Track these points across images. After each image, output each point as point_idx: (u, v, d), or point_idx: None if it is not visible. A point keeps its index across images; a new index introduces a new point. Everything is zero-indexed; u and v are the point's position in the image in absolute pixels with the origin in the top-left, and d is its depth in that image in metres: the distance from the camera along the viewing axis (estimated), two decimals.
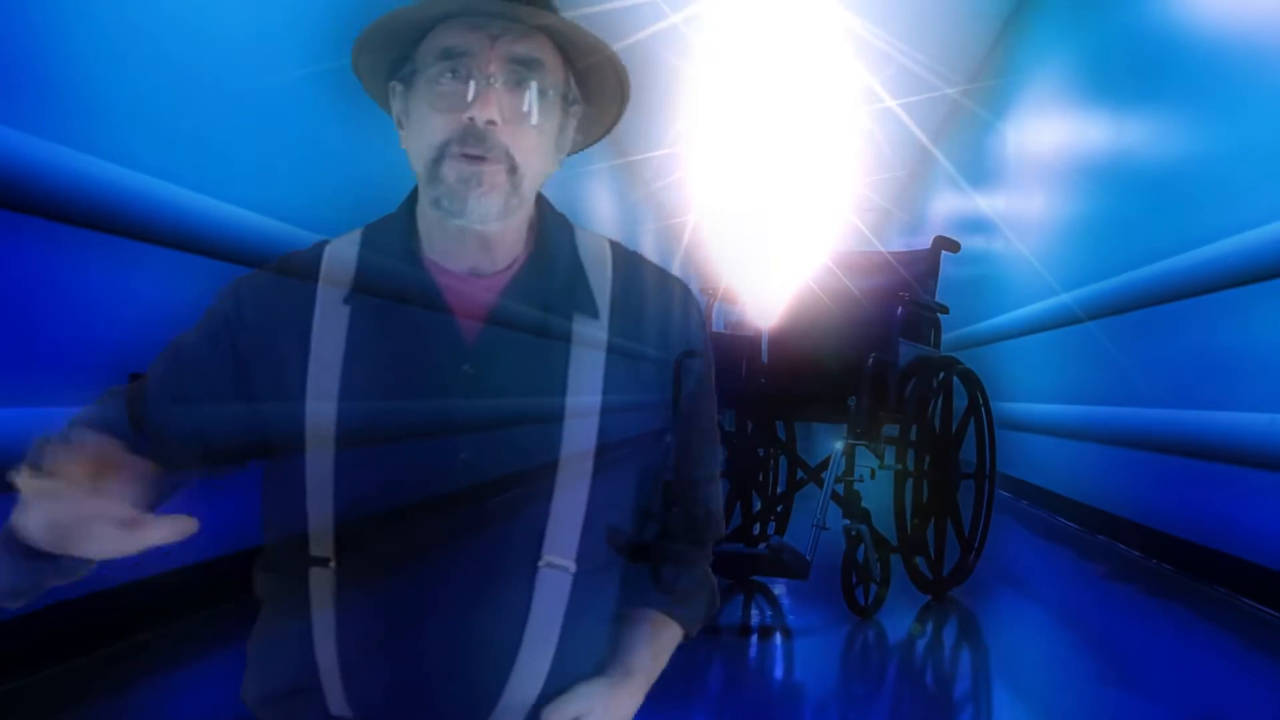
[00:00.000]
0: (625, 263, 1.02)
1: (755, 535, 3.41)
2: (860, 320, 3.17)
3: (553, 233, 1.00)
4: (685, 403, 1.02)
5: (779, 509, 3.53)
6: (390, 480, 0.91)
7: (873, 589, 2.88)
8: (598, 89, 0.99)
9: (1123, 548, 4.12)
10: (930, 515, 3.07)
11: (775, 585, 3.23)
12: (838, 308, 3.30)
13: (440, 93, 0.91)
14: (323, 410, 0.91)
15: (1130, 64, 4.32)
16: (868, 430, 2.94)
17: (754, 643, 2.72)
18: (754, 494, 3.50)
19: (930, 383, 3.08)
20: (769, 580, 3.22)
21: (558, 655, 0.92)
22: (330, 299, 0.94)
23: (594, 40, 0.94)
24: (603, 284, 0.99)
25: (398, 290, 0.94)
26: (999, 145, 6.77)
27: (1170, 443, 3.69)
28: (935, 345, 3.35)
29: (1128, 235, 4.21)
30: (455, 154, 0.90)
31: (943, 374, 3.15)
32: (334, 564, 0.90)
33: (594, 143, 1.05)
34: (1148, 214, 4.03)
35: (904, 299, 3.06)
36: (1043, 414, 5.25)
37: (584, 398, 0.94)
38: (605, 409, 0.95)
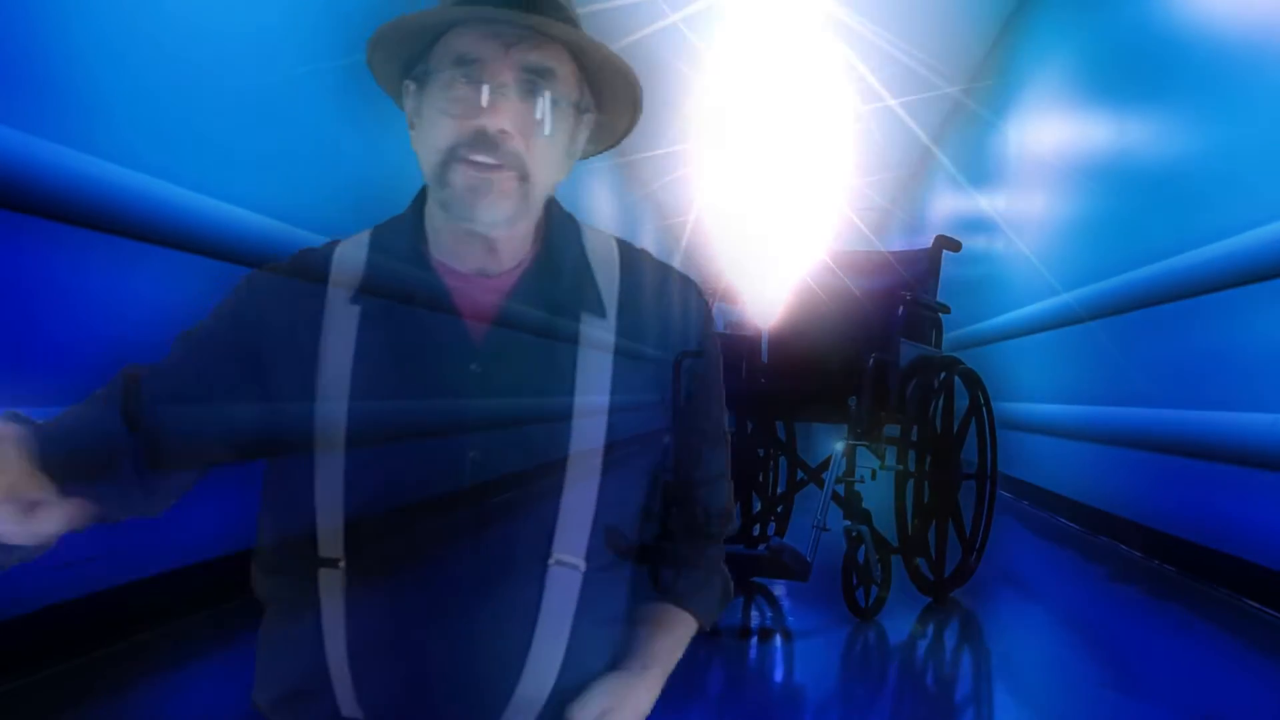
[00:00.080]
0: (632, 261, 1.03)
1: (755, 536, 3.41)
2: (861, 320, 3.18)
3: (560, 232, 1.01)
4: (685, 402, 1.02)
5: (779, 510, 3.54)
6: (400, 480, 0.92)
7: (873, 590, 2.88)
8: (610, 98, 1.00)
9: (1124, 548, 4.12)
10: (931, 516, 3.07)
11: (775, 587, 3.23)
12: (838, 307, 3.30)
13: (452, 98, 0.92)
14: (332, 410, 0.91)
15: (1132, 63, 4.33)
16: (868, 431, 2.94)
17: (754, 644, 2.72)
18: (754, 495, 3.50)
19: (931, 383, 3.08)
20: (769, 581, 3.22)
21: (568, 653, 0.93)
22: (339, 299, 0.95)
23: (609, 53, 0.95)
24: (610, 283, 1.00)
25: (406, 291, 0.95)
26: (1000, 144, 6.77)
27: (1172, 443, 3.69)
28: (936, 345, 3.35)
29: (1129, 235, 4.21)
30: (463, 158, 0.91)
31: (944, 374, 3.15)
32: (343, 564, 0.91)
33: (605, 150, 1.06)
34: (1149, 213, 4.03)
35: (905, 298, 3.06)
36: (1044, 414, 5.25)
37: (592, 396, 0.95)
38: (613, 407, 0.95)
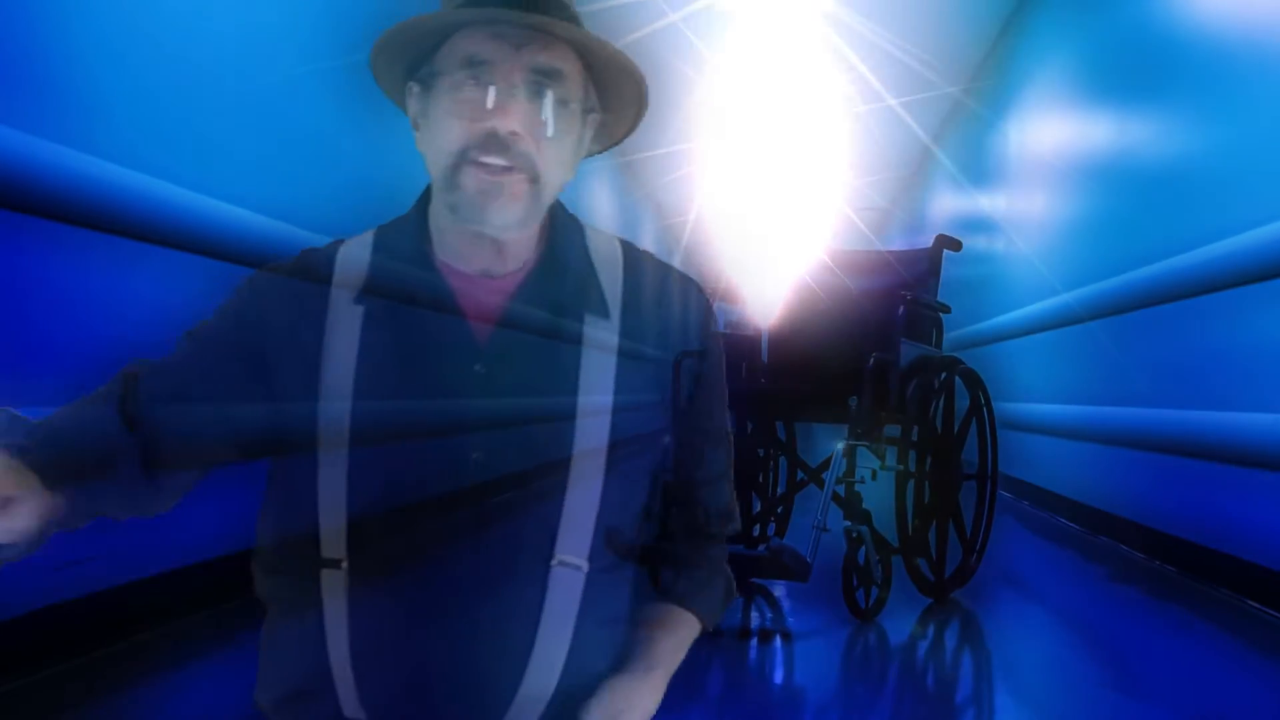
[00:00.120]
0: (636, 262, 1.03)
1: (755, 537, 3.41)
2: (861, 320, 3.17)
3: (564, 234, 1.01)
4: (687, 402, 1.02)
5: (779, 510, 3.54)
6: (403, 481, 0.92)
7: (874, 591, 2.88)
8: (615, 98, 1.00)
9: (1125, 549, 4.12)
10: (932, 517, 3.07)
11: (775, 587, 3.23)
12: (838, 307, 3.30)
13: (461, 100, 0.92)
14: (336, 410, 0.91)
15: (1132, 62, 4.33)
16: (869, 431, 2.94)
17: (754, 646, 2.72)
18: (754, 495, 3.49)
19: (932, 383, 3.08)
20: (769, 582, 3.22)
21: (571, 654, 0.93)
22: (343, 299, 0.95)
23: (615, 51, 0.95)
24: (613, 284, 1.00)
25: (410, 292, 0.95)
26: (1000, 144, 6.77)
27: (1172, 443, 3.69)
28: (937, 345, 3.35)
29: (1130, 234, 4.21)
30: (474, 160, 0.91)
31: (945, 374, 3.15)
32: (346, 565, 0.91)
33: (608, 149, 1.06)
34: (1150, 213, 4.03)
35: (905, 298, 3.06)
36: (1045, 414, 5.25)
37: (595, 397, 0.95)
38: (616, 408, 0.96)
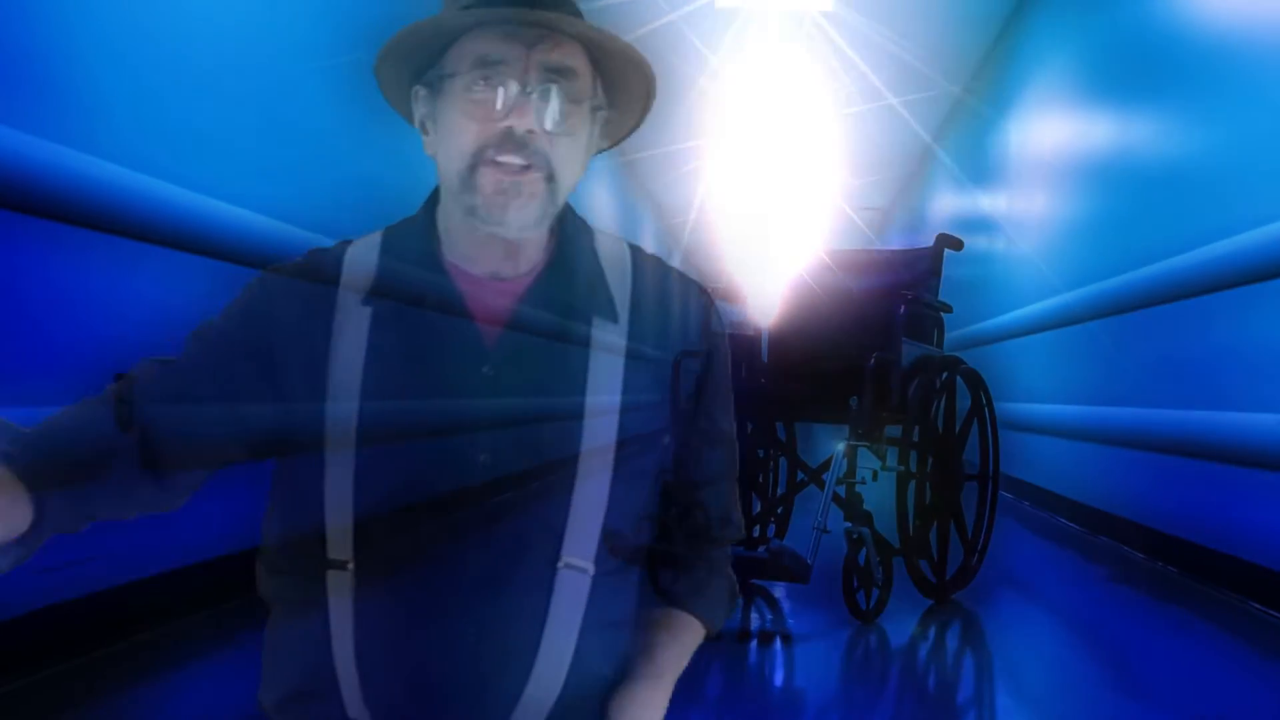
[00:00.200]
0: (645, 267, 1.04)
1: (755, 538, 3.41)
2: (862, 319, 3.17)
3: (574, 237, 1.02)
4: (684, 402, 1.03)
5: (779, 511, 3.54)
6: (410, 482, 0.92)
7: (874, 593, 2.87)
8: (624, 94, 1.00)
9: (1126, 549, 4.12)
10: (933, 517, 3.07)
11: (775, 589, 3.24)
12: (839, 307, 3.30)
13: (474, 100, 0.92)
14: (343, 411, 0.92)
15: (1133, 61, 4.33)
16: (869, 431, 2.94)
17: (754, 648, 2.72)
18: (754, 496, 3.49)
19: (933, 383, 3.08)
20: (769, 584, 3.22)
21: (576, 656, 0.93)
22: (351, 300, 0.95)
23: (625, 46, 0.96)
24: (622, 288, 1.01)
25: (418, 293, 0.95)
26: (1001, 143, 6.78)
27: (1174, 443, 3.70)
28: (938, 345, 3.35)
29: (1131, 234, 4.22)
30: (490, 160, 0.91)
31: (946, 374, 3.15)
32: (352, 566, 0.91)
33: (614, 146, 1.06)
34: (1151, 213, 4.03)
35: (906, 297, 3.06)
36: (1046, 414, 5.26)
37: (602, 401, 0.95)
38: (623, 412, 0.96)
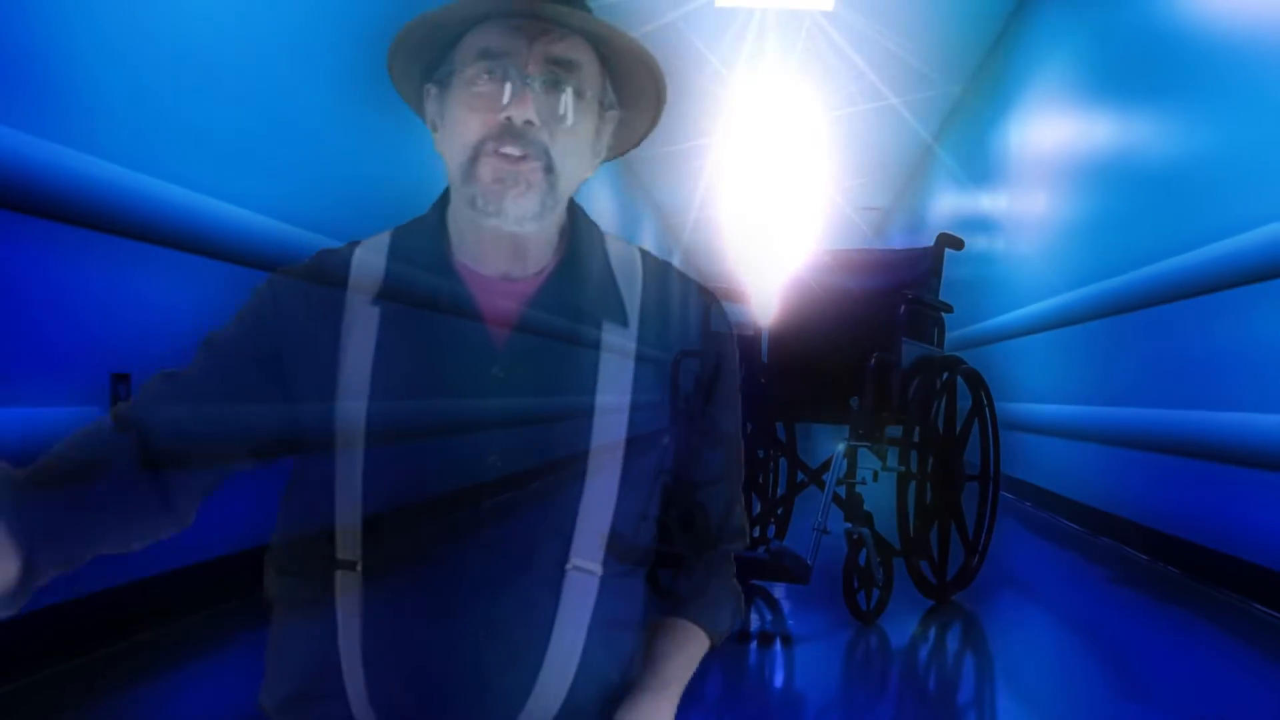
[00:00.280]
0: (655, 272, 1.04)
1: (755, 539, 3.40)
2: (862, 319, 3.17)
3: (584, 239, 1.02)
4: (683, 403, 1.02)
5: (779, 512, 3.53)
6: (418, 483, 0.93)
7: (875, 593, 2.87)
8: (634, 93, 1.01)
9: (1127, 550, 4.12)
10: (933, 518, 3.06)
11: (775, 590, 3.23)
12: (839, 306, 3.30)
13: (477, 93, 0.93)
14: (352, 413, 0.92)
15: (1134, 61, 4.33)
16: (870, 432, 2.94)
17: (754, 649, 2.72)
18: (754, 497, 3.49)
19: (934, 383, 3.07)
20: (769, 585, 3.22)
21: (583, 660, 0.93)
22: (360, 301, 0.96)
23: (631, 41, 0.96)
24: (633, 292, 1.01)
25: (427, 294, 0.96)
26: (1001, 143, 6.77)
27: (1175, 443, 3.69)
28: (939, 345, 3.35)
29: (1132, 234, 4.21)
30: (491, 152, 0.92)
31: (946, 374, 3.14)
32: (360, 566, 0.91)
33: (630, 149, 1.06)
34: (1152, 212, 4.03)
35: (907, 297, 3.06)
36: (1046, 414, 5.25)
37: (612, 405, 0.96)
38: (633, 418, 0.97)
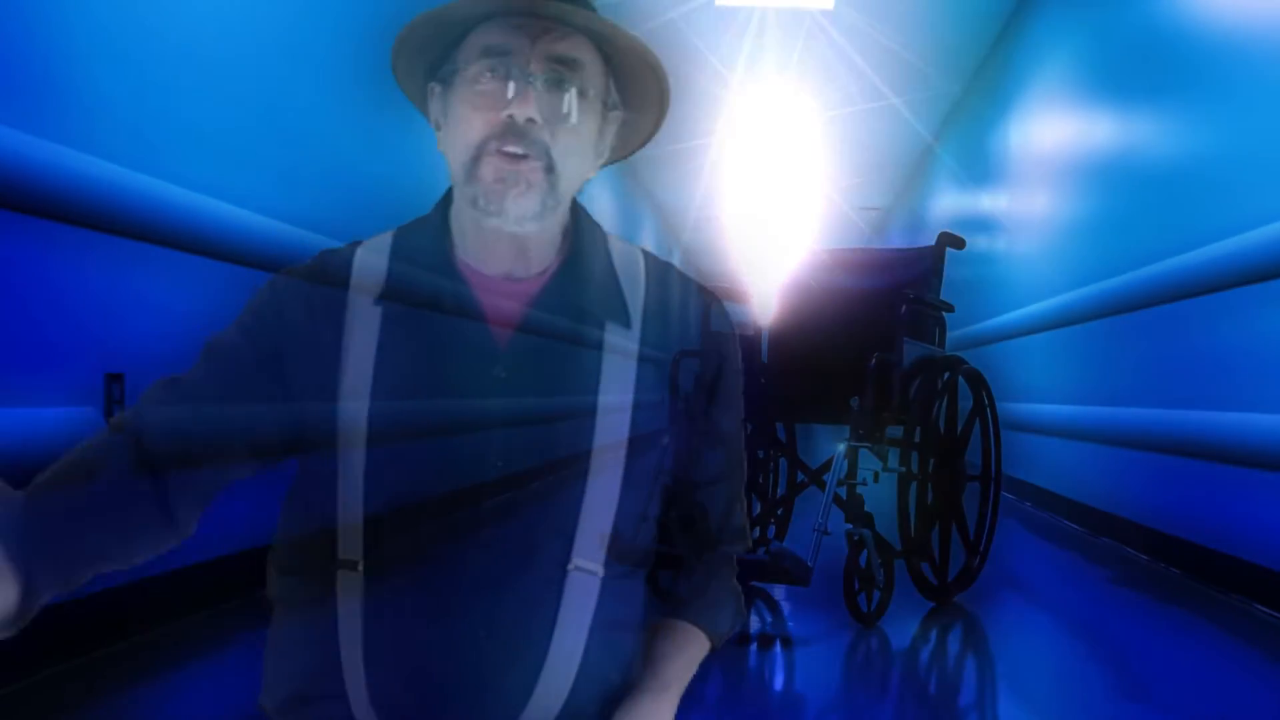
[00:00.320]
0: (658, 273, 1.05)
1: (755, 540, 3.39)
2: (863, 319, 3.16)
3: (587, 240, 1.02)
4: (682, 402, 1.02)
5: (779, 513, 3.52)
6: (420, 483, 0.93)
7: (876, 595, 2.85)
8: (637, 94, 1.01)
9: (1128, 550, 4.11)
10: (935, 519, 3.05)
11: (776, 591, 3.23)
12: (839, 306, 3.29)
13: (480, 91, 0.93)
14: (354, 411, 0.93)
15: (1135, 60, 4.32)
16: (871, 432, 2.93)
17: (753, 651, 2.71)
18: (754, 497, 3.47)
19: (935, 383, 3.06)
20: (769, 586, 3.21)
21: (584, 660, 0.94)
22: (362, 301, 0.96)
23: (636, 43, 0.96)
24: (635, 293, 1.01)
25: (430, 294, 0.96)
26: (1002, 142, 6.77)
27: (1176, 444, 3.69)
28: (940, 344, 3.34)
29: (1133, 234, 4.21)
30: (494, 151, 0.92)
31: (948, 374, 3.13)
32: (362, 566, 0.92)
33: (633, 152, 1.06)
34: (1153, 212, 4.03)
35: (908, 297, 3.05)
36: (1047, 415, 5.24)
37: (614, 407, 0.96)
38: (635, 419, 0.97)
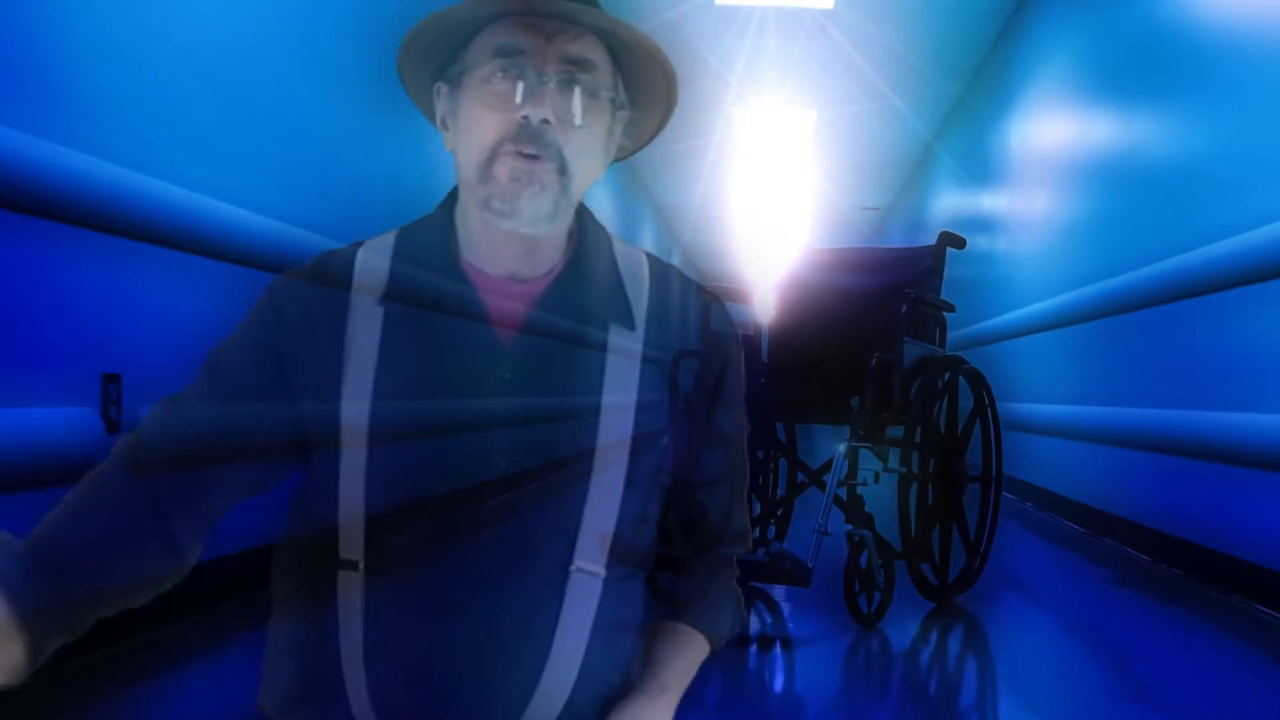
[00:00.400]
0: (662, 275, 1.05)
1: (755, 540, 3.38)
2: (863, 318, 3.16)
3: (592, 241, 1.03)
4: (681, 403, 1.02)
5: (779, 514, 3.52)
6: (422, 484, 0.93)
7: (876, 596, 2.85)
8: (645, 92, 1.01)
9: (1130, 551, 4.10)
10: (935, 520, 3.04)
11: (775, 592, 3.23)
12: (840, 305, 3.29)
13: (493, 91, 0.93)
14: (356, 411, 0.93)
15: (1135, 60, 4.31)
16: (871, 432, 2.92)
17: (753, 653, 2.71)
18: (753, 498, 3.47)
19: (936, 383, 3.06)
20: (769, 587, 3.20)
21: (585, 662, 0.94)
22: (365, 302, 0.96)
23: (646, 41, 0.96)
24: (639, 295, 1.02)
25: (434, 294, 0.96)
26: (1002, 142, 6.77)
27: (1178, 444, 3.68)
28: (940, 344, 3.33)
29: (1134, 233, 4.20)
30: (509, 152, 0.92)
31: (948, 374, 3.12)
32: (363, 566, 0.92)
33: (640, 149, 1.07)
34: (1154, 212, 4.03)
35: (908, 296, 3.04)
36: (1048, 415, 5.23)
37: (619, 408, 0.97)
38: (638, 421, 0.97)
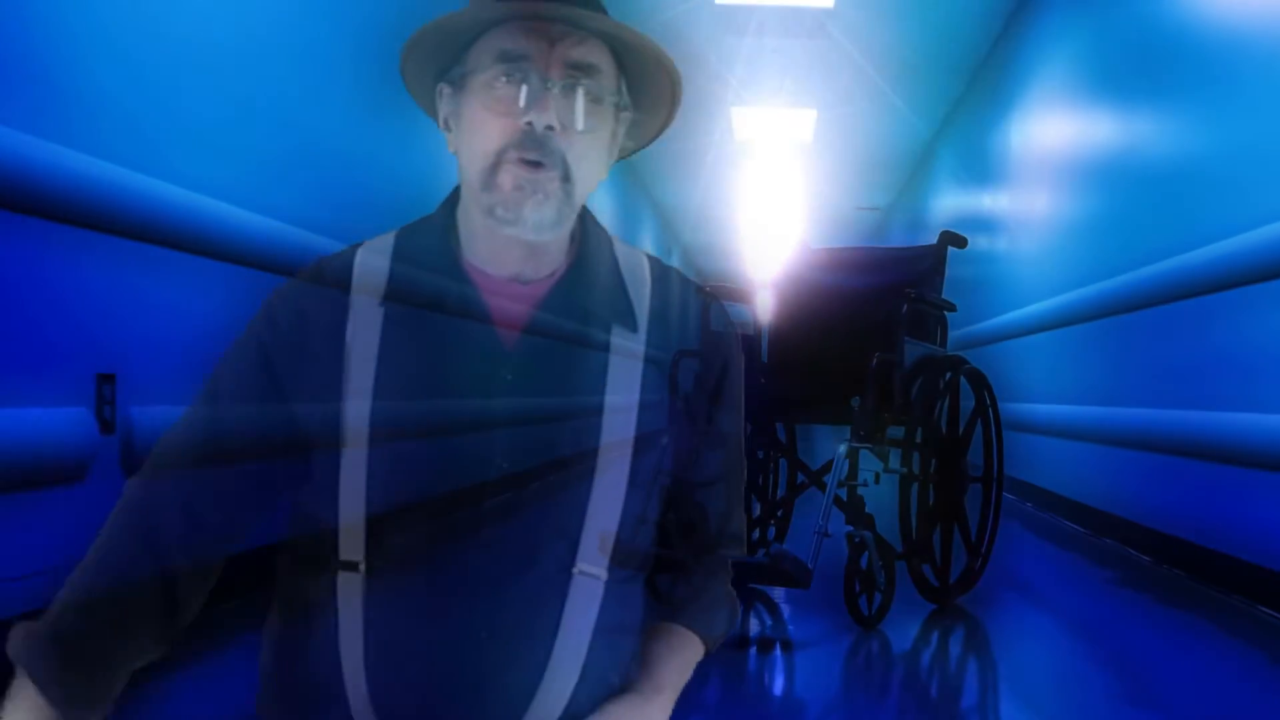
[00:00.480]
0: (663, 277, 1.06)
1: (754, 542, 3.38)
2: (864, 318, 3.16)
3: (594, 243, 1.03)
4: (680, 403, 1.03)
5: (779, 514, 3.52)
6: (423, 486, 0.93)
7: (877, 597, 2.84)
8: (649, 94, 1.01)
9: (1131, 552, 4.10)
10: (936, 521, 3.04)
11: (775, 594, 3.23)
12: (840, 305, 3.29)
13: (497, 96, 0.93)
14: (357, 411, 0.93)
15: (1136, 59, 4.31)
16: (872, 433, 2.92)
17: (753, 654, 2.71)
18: (753, 499, 3.46)
19: (937, 383, 3.05)
20: (769, 589, 3.20)
21: (586, 665, 0.95)
22: (365, 305, 0.96)
23: (650, 44, 0.96)
24: (641, 298, 1.02)
25: (435, 296, 0.96)
26: (1003, 141, 6.76)
27: (1180, 444, 3.69)
28: (942, 344, 3.33)
29: (1135, 233, 4.20)
30: (514, 160, 0.92)
31: (949, 374, 3.12)
32: (364, 568, 0.92)
33: (641, 149, 1.07)
34: (1155, 212, 4.03)
35: (909, 296, 3.03)
36: (1050, 415, 5.23)
37: (621, 411, 0.97)
38: (641, 424, 0.98)
